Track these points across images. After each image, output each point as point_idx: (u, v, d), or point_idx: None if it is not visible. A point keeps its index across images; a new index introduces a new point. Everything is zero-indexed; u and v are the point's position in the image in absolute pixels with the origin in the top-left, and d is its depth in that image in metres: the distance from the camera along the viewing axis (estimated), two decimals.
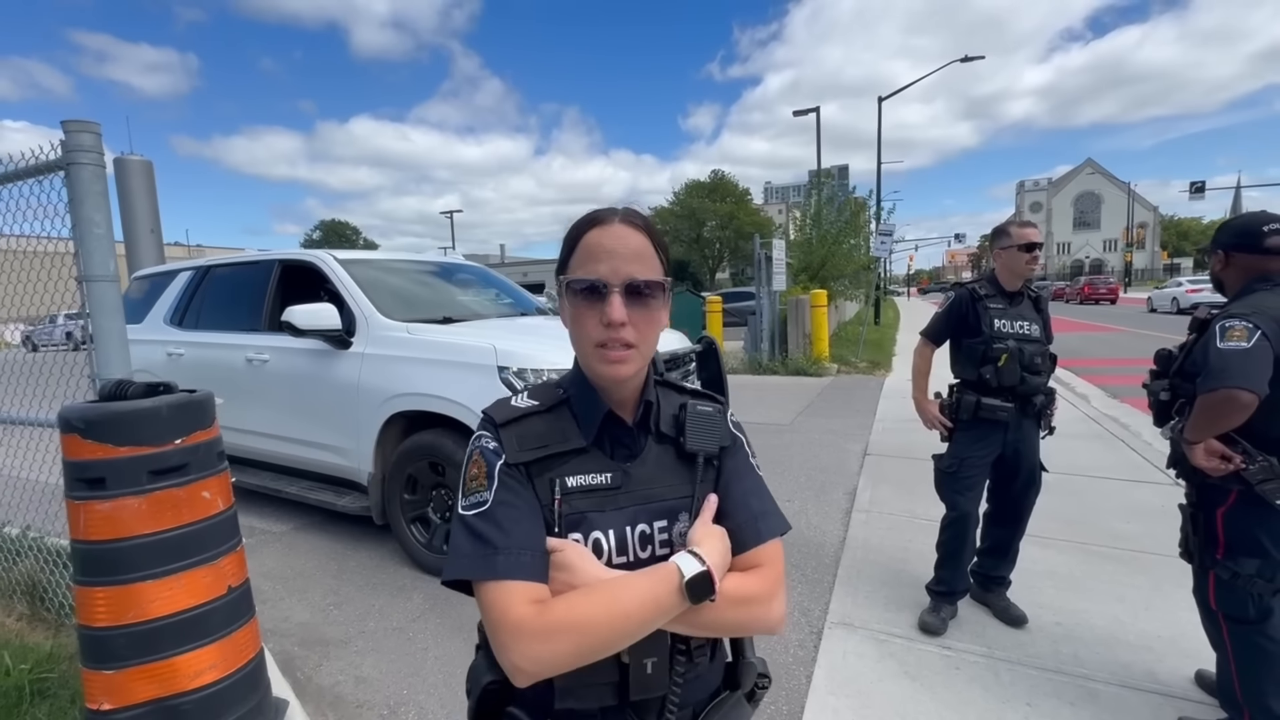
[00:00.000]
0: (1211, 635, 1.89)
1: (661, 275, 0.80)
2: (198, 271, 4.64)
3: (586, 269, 0.78)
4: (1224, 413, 1.66)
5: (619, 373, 0.78)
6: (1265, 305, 1.68)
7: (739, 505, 0.84)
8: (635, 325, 0.77)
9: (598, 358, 0.78)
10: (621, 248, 0.77)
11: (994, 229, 2.70)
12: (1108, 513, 3.76)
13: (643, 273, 0.78)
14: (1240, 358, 1.61)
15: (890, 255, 18.05)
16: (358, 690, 2.32)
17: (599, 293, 0.76)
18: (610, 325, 0.76)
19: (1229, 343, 1.64)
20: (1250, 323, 1.63)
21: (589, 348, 0.79)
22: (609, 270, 0.76)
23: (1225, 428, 1.69)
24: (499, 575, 0.72)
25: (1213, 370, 1.67)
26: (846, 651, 2.46)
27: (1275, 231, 1.74)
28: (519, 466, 0.78)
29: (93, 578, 1.54)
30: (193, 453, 1.63)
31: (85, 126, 1.96)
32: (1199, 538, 1.85)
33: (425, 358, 3.22)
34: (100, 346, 2.03)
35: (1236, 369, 1.61)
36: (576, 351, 0.82)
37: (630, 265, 0.77)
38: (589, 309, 0.77)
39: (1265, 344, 1.60)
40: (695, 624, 0.77)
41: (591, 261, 0.78)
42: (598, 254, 0.77)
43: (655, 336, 0.81)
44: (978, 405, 2.54)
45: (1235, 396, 1.62)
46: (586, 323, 0.78)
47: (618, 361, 0.77)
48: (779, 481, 4.65)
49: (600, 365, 0.78)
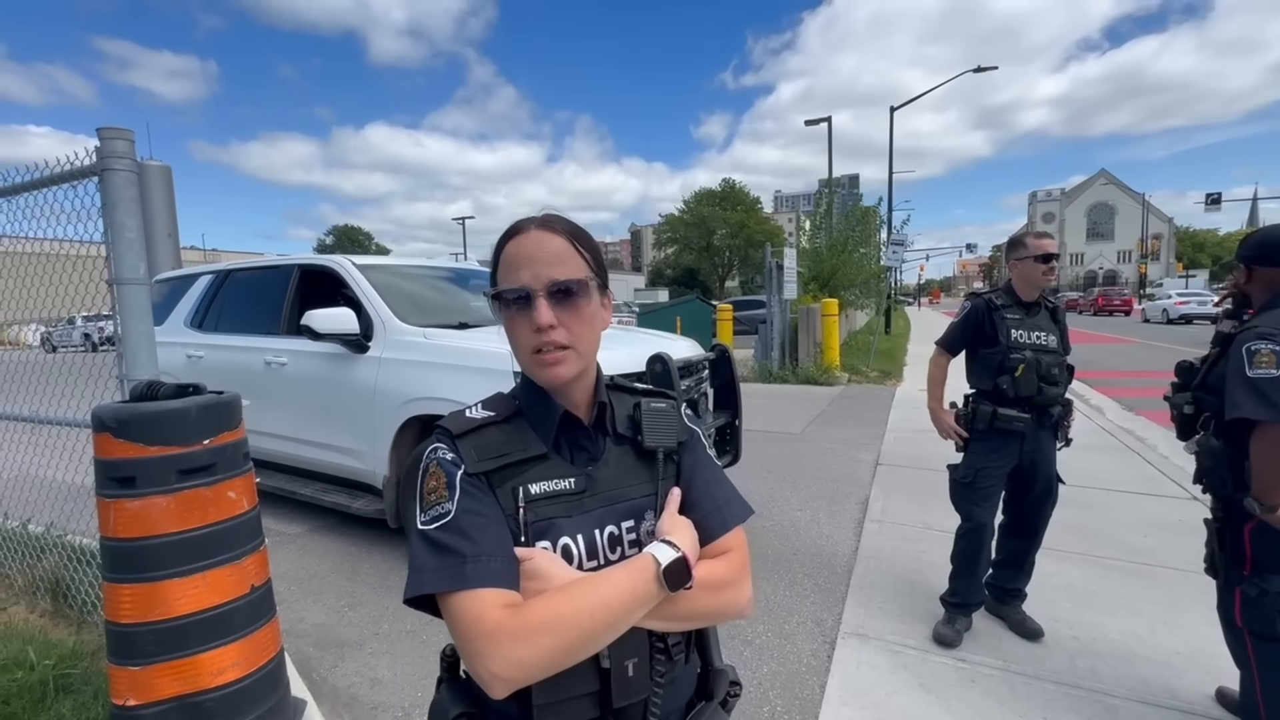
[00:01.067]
0: (1236, 652, 1.86)
1: (586, 273, 0.80)
2: (218, 275, 4.71)
3: (510, 279, 0.79)
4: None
5: (558, 375, 0.79)
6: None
7: (703, 496, 0.86)
8: (566, 326, 0.78)
9: (536, 363, 0.79)
10: (540, 253, 0.78)
11: (1009, 239, 2.70)
12: (1124, 526, 3.72)
13: (564, 274, 0.78)
14: (1276, 387, 1.55)
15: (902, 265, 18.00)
16: (373, 692, 2.34)
17: (526, 300, 0.78)
18: (540, 330, 0.77)
19: (1259, 370, 1.58)
20: (1277, 345, 1.58)
21: (527, 355, 0.80)
22: (531, 276, 0.77)
23: None
24: (469, 584, 0.69)
25: (1250, 402, 1.59)
26: (860, 662, 2.44)
27: None
28: (480, 476, 0.77)
29: (121, 575, 1.57)
30: (220, 453, 1.67)
31: (120, 134, 2.01)
32: (1225, 554, 1.82)
33: (441, 362, 3.25)
34: (129, 348, 2.07)
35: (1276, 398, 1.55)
36: (518, 361, 0.83)
37: (551, 269, 0.78)
38: (520, 317, 0.78)
39: None
40: (672, 615, 0.77)
41: (514, 271, 0.79)
42: (519, 262, 0.79)
43: (592, 335, 0.82)
44: (994, 415, 2.53)
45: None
46: (520, 331, 0.79)
47: (554, 363, 0.78)
48: (790, 490, 4.64)
49: (539, 370, 0.79)
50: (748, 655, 2.53)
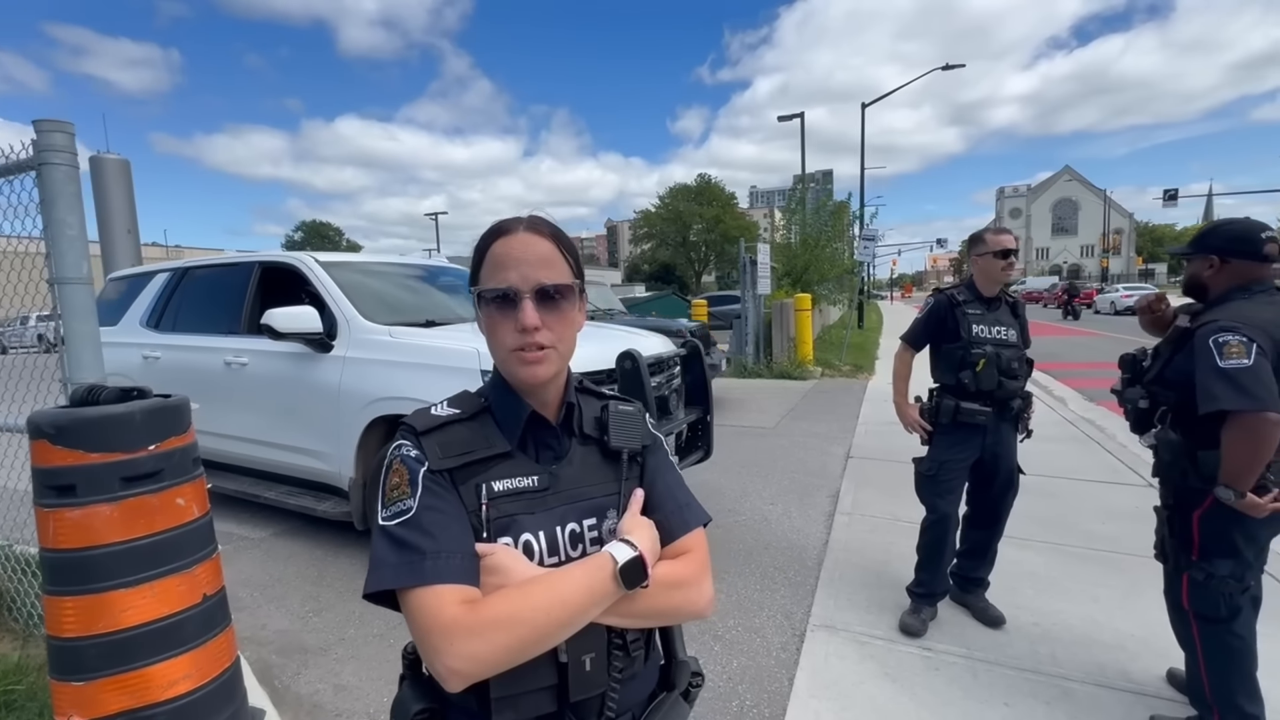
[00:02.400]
0: (1181, 635, 1.92)
1: (570, 278, 0.82)
2: (175, 273, 4.56)
3: (497, 278, 0.79)
4: (1267, 439, 1.61)
5: (538, 374, 0.80)
6: (1246, 314, 1.68)
7: (664, 498, 0.88)
8: (549, 328, 0.79)
9: (516, 361, 0.80)
10: (529, 255, 0.79)
11: (970, 236, 2.74)
12: (1084, 514, 3.83)
13: (551, 277, 0.80)
14: (1251, 376, 1.58)
15: (874, 260, 18.25)
16: (337, 698, 2.29)
17: (511, 300, 0.78)
18: (525, 330, 0.77)
19: (1230, 360, 1.60)
20: (1243, 335, 1.61)
21: (506, 354, 0.80)
22: (518, 278, 0.78)
23: (1269, 456, 1.63)
24: (428, 580, 0.70)
25: (1223, 393, 1.61)
26: (828, 654, 2.47)
27: (1271, 239, 1.76)
28: (443, 473, 0.77)
29: (62, 587, 1.50)
30: (167, 459, 1.60)
31: (58, 126, 1.92)
32: (1175, 540, 1.88)
33: (408, 361, 3.20)
34: (72, 350, 1.99)
35: (1257, 390, 1.58)
36: (495, 359, 0.84)
37: (538, 271, 0.79)
38: (503, 317, 0.79)
39: (1263, 355, 1.59)
40: (630, 612, 0.78)
41: (501, 270, 0.79)
42: (506, 263, 0.79)
43: (571, 337, 0.83)
44: (956, 409, 2.57)
45: (1262, 420, 1.59)
46: (502, 330, 0.80)
47: (535, 362, 0.79)
48: (763, 485, 4.68)
49: (519, 368, 0.80)
50: (718, 650, 2.55)
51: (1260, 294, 1.75)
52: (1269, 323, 1.66)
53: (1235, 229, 1.84)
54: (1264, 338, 1.62)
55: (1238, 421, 1.64)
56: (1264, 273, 1.78)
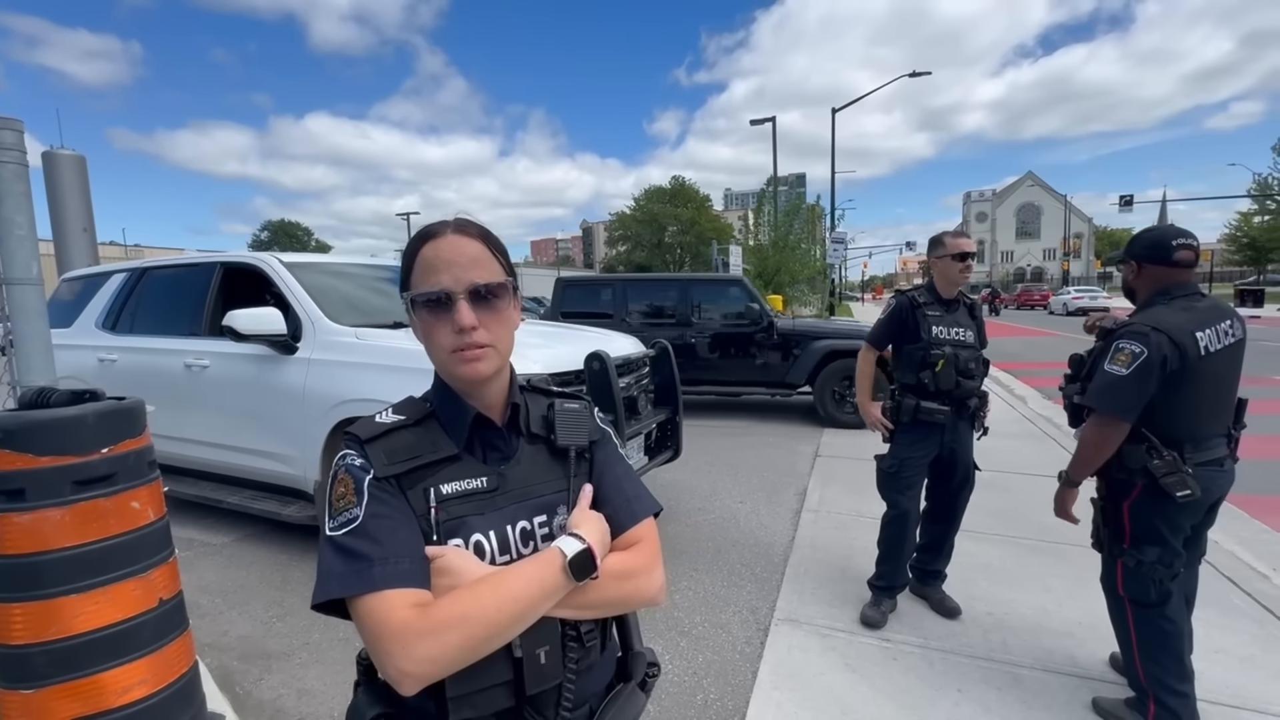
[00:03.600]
0: (1116, 619, 2.03)
1: (503, 276, 0.83)
2: (133, 273, 4.44)
3: (429, 282, 0.80)
4: (1107, 440, 1.87)
5: (478, 371, 0.80)
6: (1162, 320, 1.82)
7: (613, 491, 0.89)
8: (486, 327, 0.80)
9: (455, 361, 0.80)
10: (459, 257, 0.80)
11: (930, 239, 2.83)
12: (1037, 508, 3.96)
13: (484, 277, 0.81)
14: (1117, 383, 1.80)
15: (844, 262, 18.56)
16: (300, 703, 2.27)
17: (445, 303, 0.79)
18: (462, 330, 0.78)
19: (1113, 366, 1.83)
20: (1138, 345, 1.78)
21: (445, 355, 0.81)
22: (451, 280, 0.79)
23: (1107, 455, 1.89)
24: (376, 586, 0.70)
25: (1093, 390, 1.88)
26: (791, 646, 2.53)
27: (1183, 245, 1.87)
28: (389, 479, 0.78)
29: (10, 593, 1.47)
30: (121, 462, 1.58)
31: (6, 124, 1.87)
32: (1109, 529, 1.99)
33: (374, 363, 3.17)
34: (21, 352, 1.94)
35: (1116, 396, 1.81)
36: (435, 362, 0.84)
37: (470, 272, 0.80)
38: (438, 319, 0.80)
39: (1147, 367, 1.76)
40: (582, 604, 0.79)
41: (433, 274, 0.80)
42: (437, 266, 0.80)
43: (509, 335, 0.84)
44: (917, 408, 2.65)
45: (1108, 421, 1.85)
46: (438, 333, 0.80)
47: (475, 360, 0.80)
48: (733, 484, 4.74)
49: (459, 367, 0.80)
50: (684, 645, 2.59)
51: (1180, 298, 1.87)
52: (1176, 328, 1.79)
53: (1150, 236, 1.96)
54: (1165, 345, 1.76)
55: (1091, 419, 1.90)
56: (1179, 277, 1.90)
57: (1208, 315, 1.83)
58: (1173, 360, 1.76)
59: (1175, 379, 1.77)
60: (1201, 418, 1.84)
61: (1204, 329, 1.79)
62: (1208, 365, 1.78)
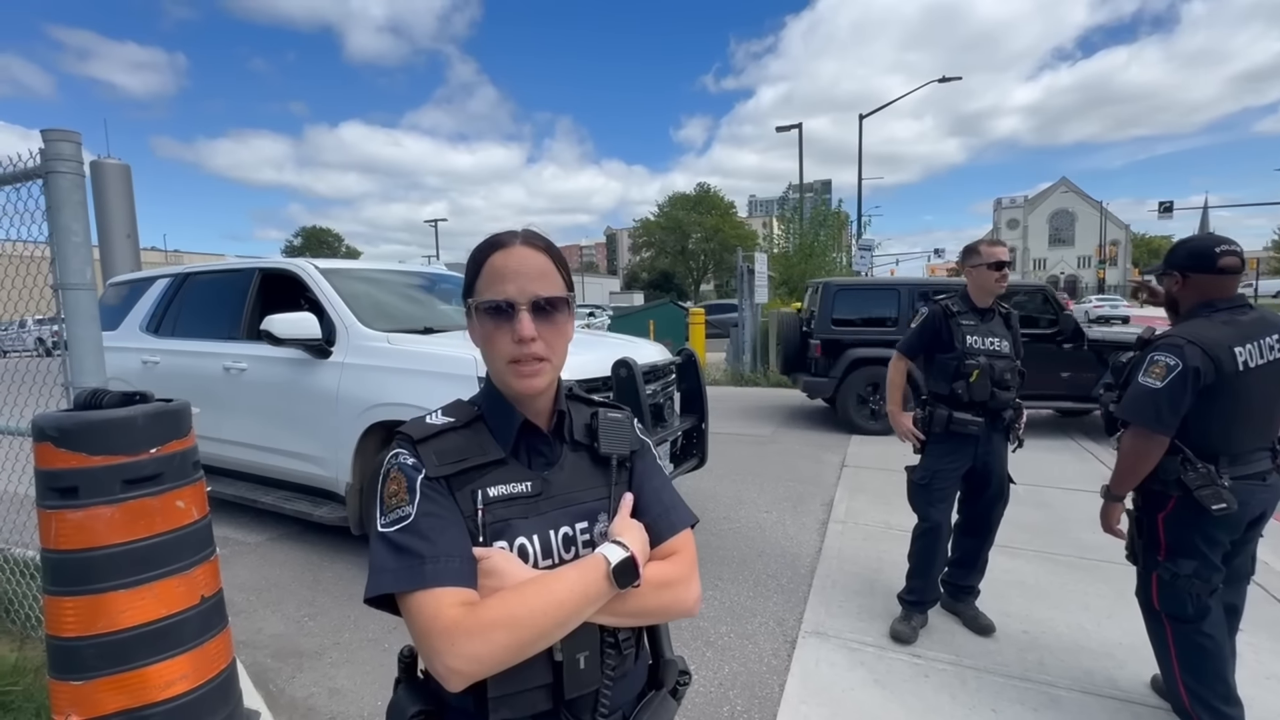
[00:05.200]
0: (1154, 636, 1.97)
1: (564, 291, 0.85)
2: (175, 278, 4.59)
3: (494, 290, 0.81)
4: (1146, 453, 1.83)
5: (533, 386, 0.82)
6: (1199, 333, 1.78)
7: (652, 501, 0.90)
8: (545, 339, 0.82)
9: (512, 373, 0.82)
10: (525, 268, 0.82)
11: (965, 247, 2.78)
12: (1074, 523, 3.85)
13: (547, 290, 0.82)
14: (1152, 397, 1.77)
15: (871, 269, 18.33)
16: (331, 702, 2.31)
17: (507, 312, 0.81)
18: (521, 341, 0.80)
19: (1148, 379, 1.79)
20: (1174, 358, 1.75)
21: (502, 365, 0.82)
22: (516, 290, 0.81)
23: (1148, 469, 1.84)
24: (427, 584, 0.72)
25: (1127, 401, 1.85)
26: (819, 660, 2.49)
27: (1227, 252, 1.83)
28: (440, 480, 0.79)
29: (62, 587, 1.53)
30: (167, 462, 1.63)
31: (65, 136, 1.96)
32: (1143, 541, 1.95)
33: (405, 368, 3.22)
34: (75, 354, 2.02)
35: (1151, 410, 1.78)
36: (490, 369, 0.86)
37: (534, 284, 0.81)
38: (499, 328, 0.81)
39: (1181, 380, 1.73)
40: (622, 612, 0.80)
41: (499, 283, 0.81)
42: (504, 275, 0.81)
43: (564, 349, 0.86)
44: (949, 419, 2.61)
45: (1144, 434, 1.82)
46: (498, 341, 0.82)
47: (531, 375, 0.82)
48: (758, 493, 4.70)
49: (515, 380, 0.82)
50: (710, 656, 2.57)
51: (1223, 310, 1.83)
52: (1213, 342, 1.75)
53: (1191, 245, 1.92)
54: (1199, 357, 1.73)
55: (1128, 432, 1.86)
56: (1224, 285, 1.85)
57: (1251, 329, 1.79)
58: (1207, 374, 1.73)
59: (1210, 393, 1.74)
60: (1240, 432, 1.80)
61: (1245, 344, 1.76)
62: (1248, 380, 1.75)
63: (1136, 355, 1.93)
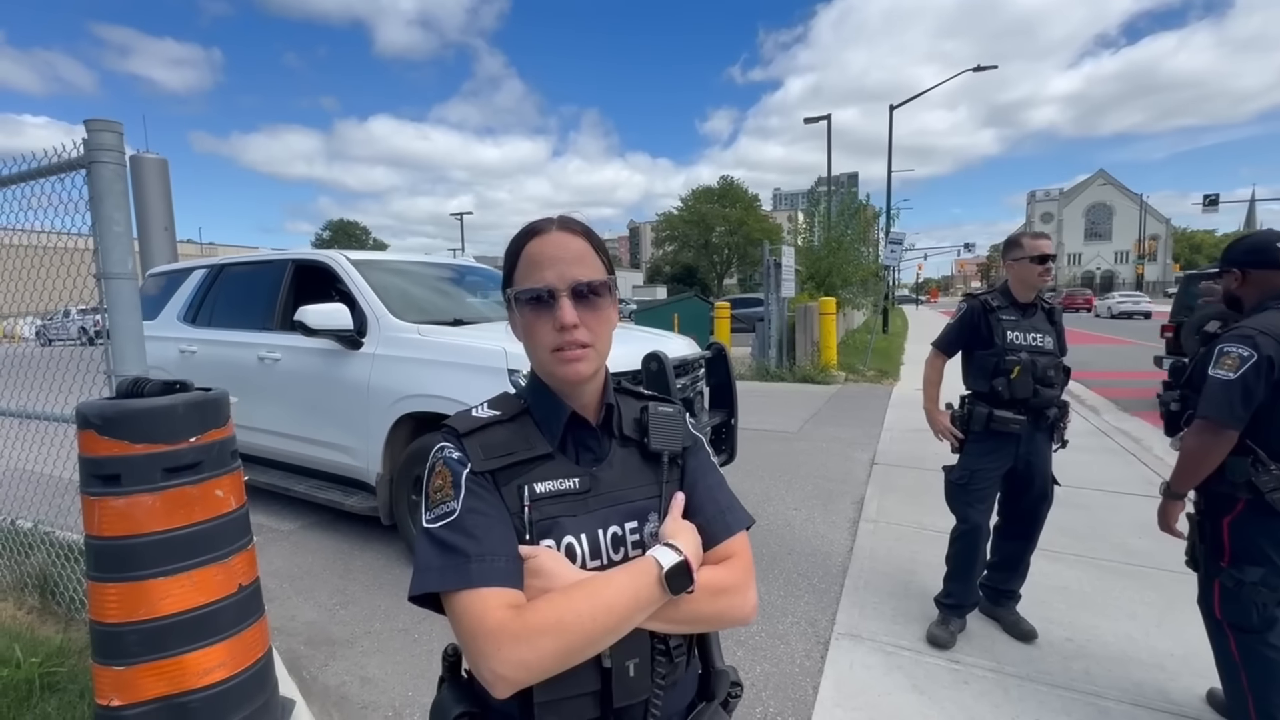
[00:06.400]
0: (1218, 648, 1.88)
1: (605, 275, 0.82)
2: (212, 270, 4.68)
3: (533, 278, 0.79)
4: (1212, 450, 1.74)
5: (579, 371, 0.79)
6: (1270, 324, 1.70)
7: (706, 501, 0.86)
8: (587, 325, 0.78)
9: (556, 361, 0.79)
10: (564, 254, 0.79)
11: (1006, 240, 2.68)
12: (1119, 528, 3.72)
13: (587, 274, 0.79)
14: (1225, 389, 1.69)
15: (900, 263, 18.00)
16: (363, 691, 2.32)
17: (547, 300, 0.78)
18: (564, 328, 0.77)
19: (1219, 370, 1.71)
20: (1246, 349, 1.67)
21: (545, 354, 0.79)
22: (555, 276, 0.78)
23: (1212, 466, 1.75)
24: (473, 584, 0.70)
25: (1205, 398, 1.75)
26: (854, 663, 2.44)
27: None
28: (486, 474, 0.77)
29: (105, 573, 1.55)
30: (206, 451, 1.64)
31: (108, 126, 1.98)
32: (1205, 546, 1.86)
33: (435, 359, 3.23)
34: (117, 343, 2.05)
35: (1223, 402, 1.69)
36: (533, 360, 0.83)
37: (574, 269, 0.78)
38: (540, 316, 0.79)
39: (1255, 371, 1.65)
40: (674, 618, 0.77)
41: (537, 270, 0.79)
42: (542, 262, 0.79)
43: (608, 335, 0.83)
44: (989, 417, 2.52)
45: (1213, 428, 1.72)
46: (540, 330, 0.79)
47: (575, 360, 0.78)
48: (786, 490, 4.63)
49: (559, 367, 0.79)
50: (741, 655, 2.52)
51: None
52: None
53: (1249, 242, 1.87)
54: (1273, 348, 1.65)
55: (1193, 427, 1.78)
56: None
57: None
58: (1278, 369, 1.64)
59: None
60: None
61: None
62: None
63: (1203, 351, 1.85)
